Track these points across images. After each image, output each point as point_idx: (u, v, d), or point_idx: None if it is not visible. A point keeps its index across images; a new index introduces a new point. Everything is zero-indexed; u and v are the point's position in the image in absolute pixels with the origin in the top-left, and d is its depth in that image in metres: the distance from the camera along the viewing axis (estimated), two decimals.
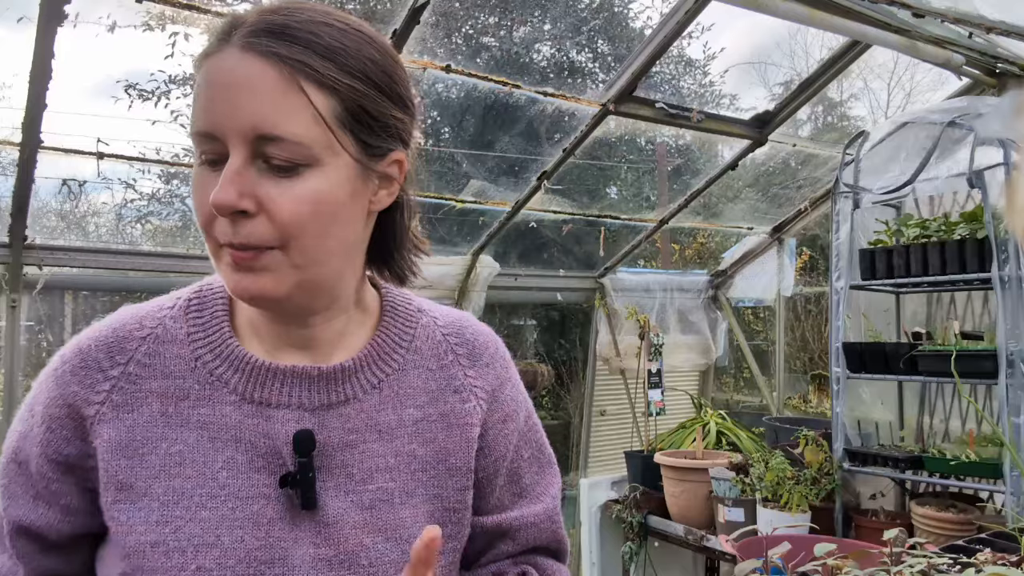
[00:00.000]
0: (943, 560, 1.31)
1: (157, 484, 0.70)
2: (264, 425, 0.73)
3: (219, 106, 0.65)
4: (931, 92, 6.20)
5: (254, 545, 0.70)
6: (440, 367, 0.83)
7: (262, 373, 0.74)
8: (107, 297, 6.13)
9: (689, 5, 2.45)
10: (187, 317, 0.76)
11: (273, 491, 0.72)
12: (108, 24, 3.73)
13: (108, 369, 0.72)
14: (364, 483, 0.75)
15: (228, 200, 0.64)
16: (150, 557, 0.68)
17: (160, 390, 0.73)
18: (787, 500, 2.63)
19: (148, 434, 0.71)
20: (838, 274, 2.84)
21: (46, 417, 0.72)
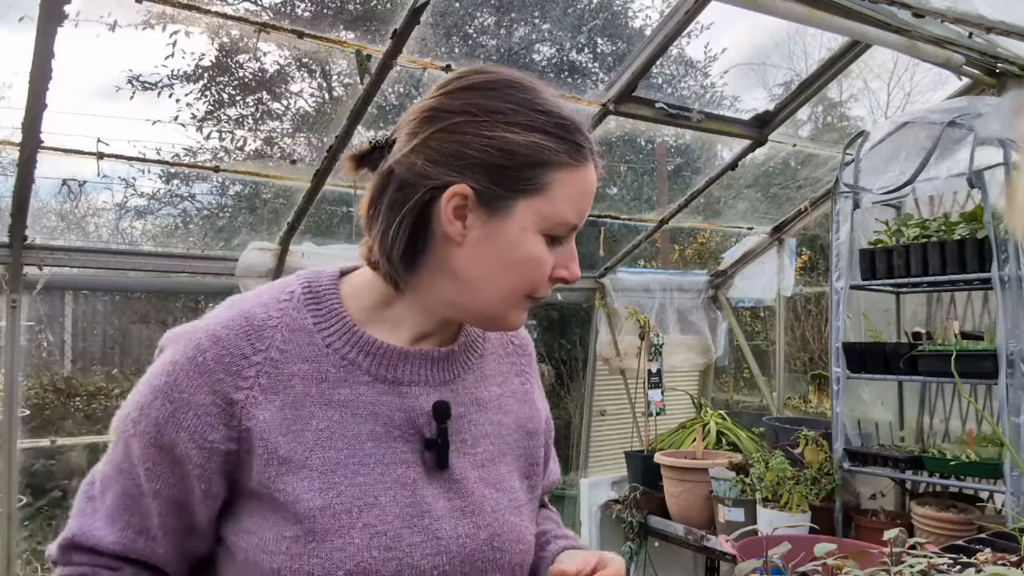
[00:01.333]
0: (943, 560, 1.31)
1: (314, 456, 0.80)
2: (398, 401, 0.86)
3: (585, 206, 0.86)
4: (931, 92, 6.21)
5: (405, 502, 0.83)
6: (505, 354, 1.01)
7: (391, 356, 0.86)
8: (107, 297, 6.12)
9: (689, 5, 2.45)
10: (307, 309, 0.86)
11: (411, 456, 0.85)
12: (109, 23, 3.73)
13: (251, 355, 0.80)
14: (474, 447, 0.91)
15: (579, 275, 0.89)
16: (319, 520, 0.79)
17: (301, 373, 0.82)
18: (787, 500, 2.63)
19: (298, 413, 0.81)
20: (838, 274, 2.84)
21: (192, 404, 0.78)
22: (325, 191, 2.86)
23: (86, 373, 5.92)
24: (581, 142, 0.84)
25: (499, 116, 0.80)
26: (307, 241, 3.12)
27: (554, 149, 0.81)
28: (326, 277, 0.89)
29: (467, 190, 0.80)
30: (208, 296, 6.20)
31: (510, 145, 0.80)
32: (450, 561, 0.83)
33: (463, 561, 0.84)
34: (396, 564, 0.80)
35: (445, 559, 0.83)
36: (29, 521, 4.54)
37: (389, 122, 6.25)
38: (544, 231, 0.83)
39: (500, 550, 0.87)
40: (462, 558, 0.84)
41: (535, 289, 0.85)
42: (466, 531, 0.85)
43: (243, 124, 6.19)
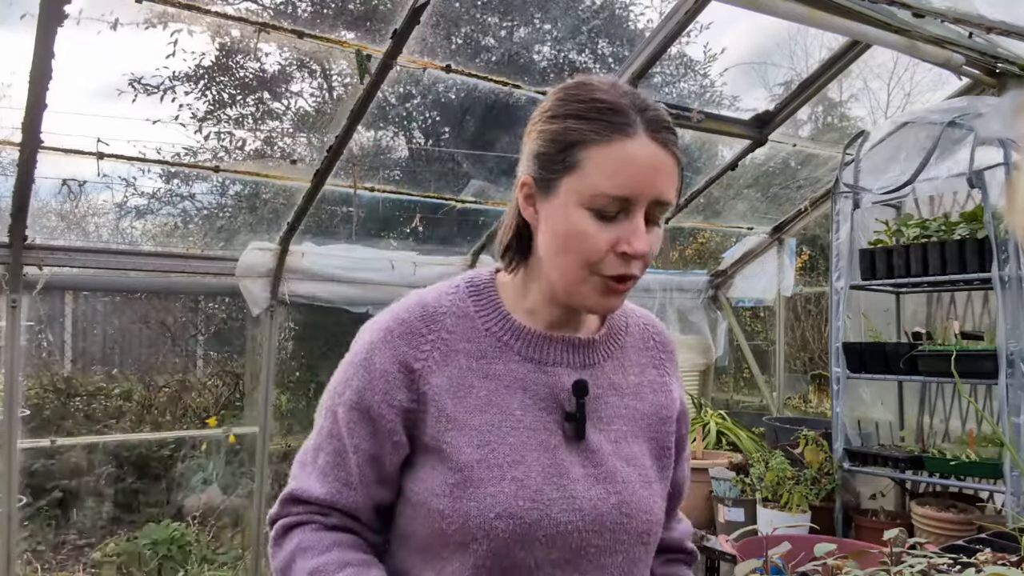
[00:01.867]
0: (943, 560, 1.31)
1: (474, 418, 0.96)
2: (543, 378, 1.00)
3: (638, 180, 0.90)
4: (931, 92, 6.20)
5: (547, 463, 0.96)
6: (645, 348, 1.13)
7: (539, 340, 1.01)
8: (107, 297, 6.12)
9: (689, 5, 2.45)
10: (470, 299, 1.03)
11: (554, 425, 0.98)
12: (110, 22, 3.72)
13: (427, 334, 0.98)
14: (609, 424, 1.03)
15: (645, 250, 0.92)
16: (476, 470, 0.93)
17: (465, 350, 0.99)
18: (787, 500, 2.63)
19: (462, 382, 0.97)
20: (838, 274, 2.84)
21: (383, 372, 0.96)
22: (325, 191, 2.87)
23: (86, 373, 5.92)
24: (616, 119, 0.91)
25: (548, 113, 0.96)
26: (307, 241, 3.13)
27: (583, 130, 0.91)
28: (485, 273, 1.07)
29: (529, 179, 0.97)
30: (208, 296, 6.20)
31: (551, 134, 0.94)
32: (583, 518, 0.95)
33: (594, 520, 0.96)
34: (537, 514, 0.93)
35: (578, 516, 0.95)
36: (29, 521, 4.54)
37: (389, 122, 6.26)
38: (587, 205, 0.91)
39: (628, 516, 0.99)
40: (593, 517, 0.96)
41: (592, 264, 0.93)
42: (598, 494, 0.97)
43: (243, 124, 6.19)
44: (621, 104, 0.92)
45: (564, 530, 0.94)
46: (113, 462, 5.07)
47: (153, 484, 5.08)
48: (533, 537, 0.93)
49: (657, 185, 0.91)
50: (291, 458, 1.07)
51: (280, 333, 5.38)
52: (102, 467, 5.01)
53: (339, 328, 5.66)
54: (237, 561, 4.05)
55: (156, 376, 6.00)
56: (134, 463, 5.14)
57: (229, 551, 4.29)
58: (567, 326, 1.04)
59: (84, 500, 4.91)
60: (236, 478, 4.76)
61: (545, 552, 0.93)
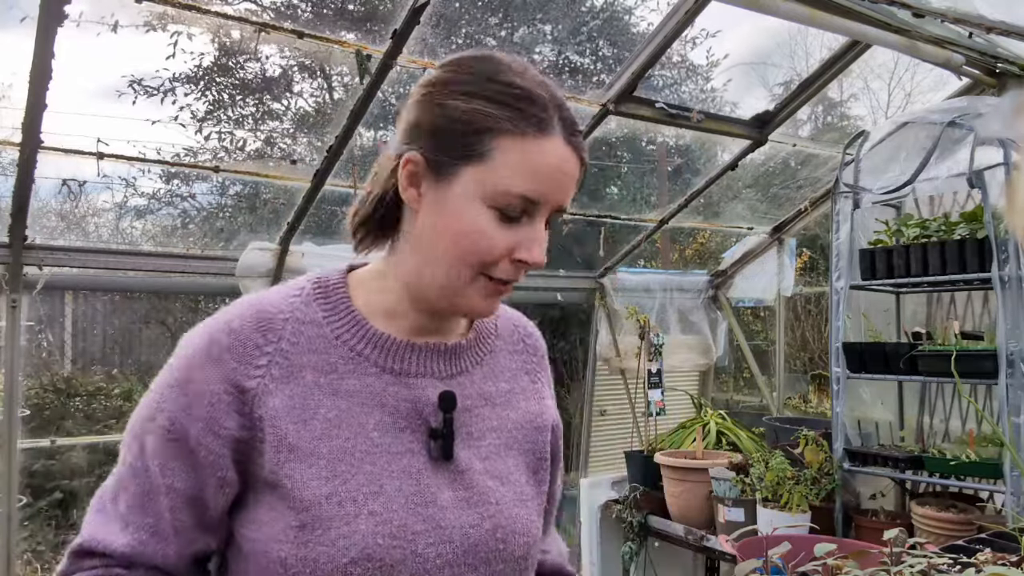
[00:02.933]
0: (943, 560, 1.31)
1: (322, 444, 0.82)
2: (405, 391, 0.87)
3: (548, 184, 0.83)
4: (931, 92, 6.21)
5: (410, 491, 0.84)
6: (515, 351, 1.03)
7: (399, 348, 0.89)
8: (107, 297, 6.13)
9: (689, 5, 2.45)
10: (316, 303, 0.89)
11: (416, 446, 0.87)
12: (110, 23, 3.73)
13: (263, 346, 0.83)
14: (480, 439, 0.92)
15: (542, 260, 0.85)
16: (325, 507, 0.80)
17: (311, 364, 0.85)
18: (787, 500, 2.63)
19: (307, 402, 0.83)
20: (838, 274, 2.84)
21: (205, 393, 0.81)
22: (325, 191, 2.87)
23: (86, 373, 5.92)
24: (534, 112, 0.81)
25: (452, 86, 0.83)
26: (307, 241, 3.13)
27: (496, 116, 0.81)
28: (335, 273, 0.93)
29: (418, 157, 0.83)
30: (208, 296, 6.20)
31: (454, 112, 0.82)
32: (454, 550, 0.85)
33: (467, 551, 0.86)
34: (401, 552, 0.81)
35: (449, 548, 0.84)
36: (29, 521, 4.54)
37: (389, 122, 6.25)
38: (490, 203, 0.81)
39: (504, 541, 0.89)
40: (466, 548, 0.86)
41: (484, 265, 0.83)
42: (470, 521, 0.87)
43: (243, 124, 6.19)
44: (539, 95, 0.82)
45: (432, 567, 0.83)
46: (113, 462, 5.06)
47: None
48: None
49: (565, 192, 0.84)
50: None
51: None
52: (102, 467, 5.01)
53: None
54: None
55: (156, 376, 6.00)
56: None
57: None
58: (434, 332, 0.92)
59: (84, 500, 4.91)
60: None
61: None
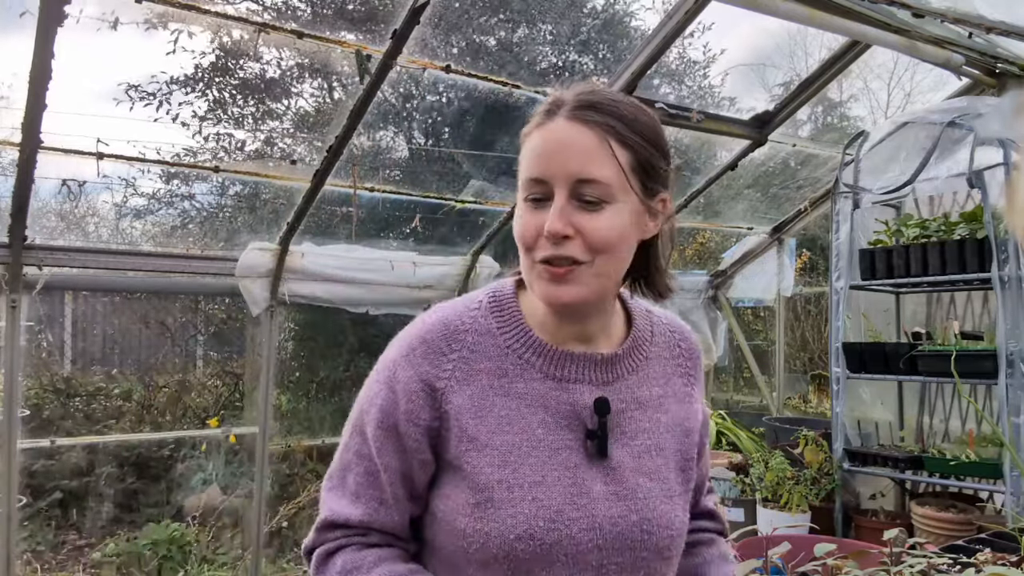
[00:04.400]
0: (943, 560, 1.31)
1: (496, 438, 0.95)
2: (565, 396, 0.98)
3: (551, 161, 0.91)
4: (931, 92, 6.21)
5: (568, 482, 0.95)
6: (671, 357, 1.10)
7: (561, 357, 0.99)
8: (107, 297, 6.12)
9: (689, 5, 2.45)
10: (492, 316, 1.01)
11: (574, 443, 0.98)
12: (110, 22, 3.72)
13: (448, 353, 0.97)
14: (632, 439, 1.01)
15: (558, 228, 0.90)
16: (497, 490, 0.93)
17: (487, 369, 0.98)
18: (787, 500, 2.63)
19: (483, 402, 0.96)
20: (838, 274, 2.84)
21: (407, 391, 0.96)
22: (325, 191, 2.87)
23: (86, 373, 5.91)
24: (546, 107, 0.94)
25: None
26: (307, 241, 3.13)
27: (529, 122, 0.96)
28: (508, 286, 1.05)
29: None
30: (208, 296, 6.19)
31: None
32: (603, 537, 0.95)
33: (615, 538, 0.96)
34: (557, 534, 0.93)
35: (599, 535, 0.95)
36: (29, 521, 4.54)
37: (389, 122, 6.26)
38: (522, 195, 0.94)
39: (649, 532, 0.98)
40: (614, 536, 0.96)
41: (529, 250, 0.94)
42: (619, 512, 0.97)
43: (243, 124, 6.18)
44: (560, 96, 0.94)
45: (584, 549, 0.94)
46: (113, 462, 5.06)
47: (153, 484, 5.08)
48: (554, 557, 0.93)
49: (572, 163, 0.90)
50: (291, 458, 1.06)
51: (280, 333, 5.37)
52: (102, 467, 5.01)
53: (339, 328, 5.66)
54: (237, 561, 4.05)
55: (156, 376, 5.99)
56: (134, 463, 5.13)
57: (229, 551, 4.29)
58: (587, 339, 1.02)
59: (84, 500, 4.91)
60: (236, 478, 4.76)
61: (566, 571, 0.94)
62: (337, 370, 5.61)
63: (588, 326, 1.01)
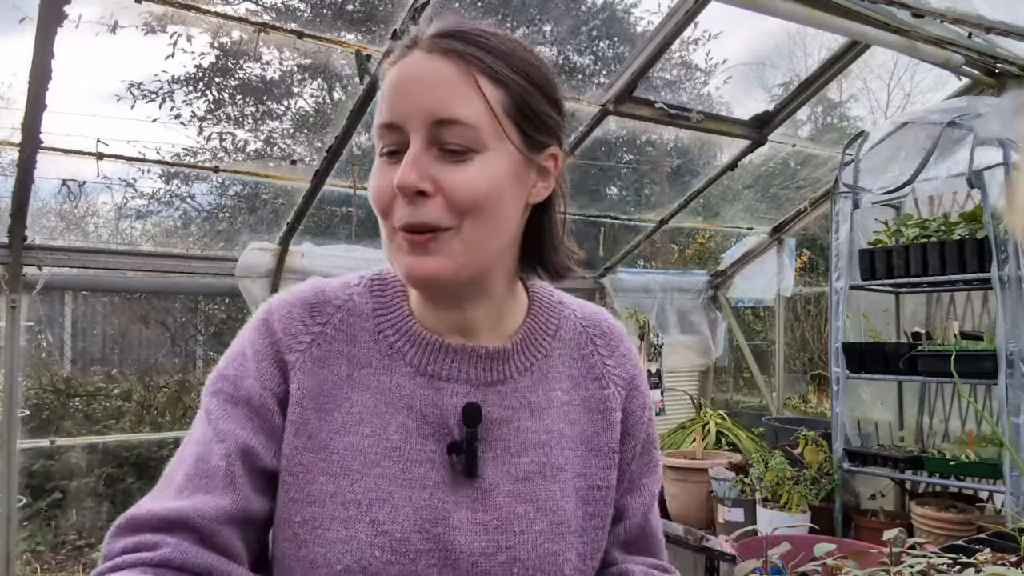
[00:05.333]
0: (943, 560, 1.31)
1: (338, 439, 0.77)
2: (434, 396, 0.80)
3: (404, 99, 0.74)
4: (931, 92, 6.21)
5: (420, 504, 0.76)
6: (581, 356, 0.90)
7: (436, 349, 0.81)
8: (107, 297, 6.12)
9: (689, 5, 2.45)
10: (371, 295, 0.85)
11: (438, 457, 0.79)
12: (109, 25, 3.72)
13: (310, 326, 0.81)
14: (518, 456, 0.82)
15: (410, 181, 0.71)
16: (329, 506, 0.75)
17: (348, 354, 0.81)
18: (787, 500, 2.63)
19: (335, 392, 0.79)
20: (838, 274, 2.84)
21: (258, 357, 0.80)
22: (325, 191, 2.87)
23: (85, 373, 5.92)
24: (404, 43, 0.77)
25: None
26: (307, 241, 3.13)
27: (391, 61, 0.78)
28: None
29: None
30: (208, 296, 6.20)
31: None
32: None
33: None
34: (398, 569, 0.74)
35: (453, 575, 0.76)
36: (28, 521, 4.54)
37: None
38: (378, 150, 0.77)
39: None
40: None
41: (382, 210, 0.76)
42: (483, 548, 0.77)
43: (243, 124, 6.19)
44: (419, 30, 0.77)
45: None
46: (113, 462, 5.07)
47: (152, 484, 5.06)
48: None
49: (427, 100, 0.72)
50: None
51: None
52: (101, 467, 5.01)
53: None
54: None
55: (156, 376, 6.00)
56: (134, 463, 5.13)
57: None
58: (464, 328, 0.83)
59: (83, 500, 4.91)
60: None
61: None
62: None
63: (469, 312, 0.82)
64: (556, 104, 0.81)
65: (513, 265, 0.84)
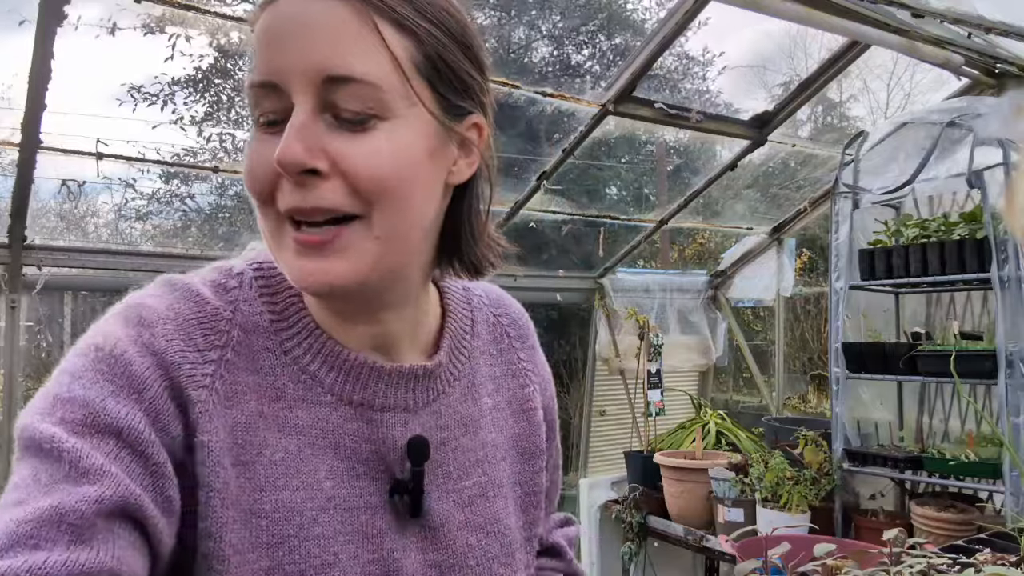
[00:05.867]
0: (943, 560, 1.31)
1: (264, 499, 0.61)
2: (366, 429, 0.66)
3: (282, 51, 0.56)
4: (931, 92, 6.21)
5: (368, 559, 0.65)
6: (499, 351, 0.81)
7: (361, 372, 0.66)
8: (106, 298, 6.12)
9: (688, 5, 2.45)
10: (261, 300, 0.65)
11: (378, 499, 0.67)
12: (108, 26, 3.73)
13: (206, 351, 0.60)
14: (460, 480, 0.72)
15: (294, 156, 0.55)
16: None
17: (255, 386, 0.62)
18: (787, 500, 2.63)
19: (249, 438, 0.61)
20: (837, 274, 2.84)
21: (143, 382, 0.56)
22: None
23: None
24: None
25: None
26: None
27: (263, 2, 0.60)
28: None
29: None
30: None
31: None
32: None
33: None
34: None
35: None
36: None
37: None
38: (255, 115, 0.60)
39: None
40: None
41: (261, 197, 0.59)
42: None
43: (242, 125, 6.19)
44: None
45: None
46: None
47: None
48: None
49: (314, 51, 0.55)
50: None
51: None
52: None
53: None
54: None
55: None
56: None
57: None
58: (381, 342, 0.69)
59: None
60: None
61: None
62: None
63: (385, 324, 0.68)
64: (478, 62, 0.65)
65: (429, 260, 0.70)
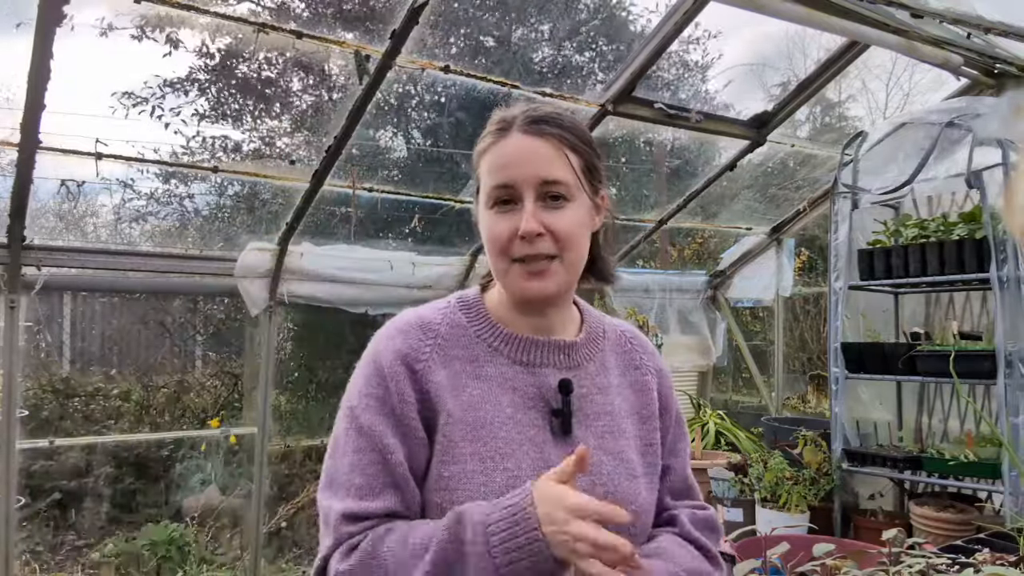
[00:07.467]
0: (942, 560, 1.31)
1: (469, 414, 1.04)
2: (531, 378, 1.09)
3: (517, 168, 1.04)
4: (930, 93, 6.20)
5: (536, 456, 1.04)
6: (623, 352, 1.21)
7: (526, 344, 1.11)
8: (105, 298, 6.11)
9: (688, 5, 2.45)
10: (461, 312, 1.13)
11: (541, 422, 1.07)
12: (106, 26, 3.72)
13: (425, 340, 1.08)
14: (594, 421, 1.11)
15: (533, 228, 1.02)
16: (471, 462, 1.02)
17: (459, 355, 1.08)
18: (786, 500, 2.63)
19: (457, 382, 1.06)
20: (837, 274, 2.84)
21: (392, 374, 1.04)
22: (324, 191, 2.86)
23: (84, 374, 5.91)
24: (498, 127, 1.08)
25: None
26: (306, 241, 3.12)
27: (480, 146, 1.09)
28: (472, 291, 1.18)
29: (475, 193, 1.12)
30: (207, 296, 6.19)
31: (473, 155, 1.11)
32: None
33: None
34: None
35: None
36: (27, 522, 4.53)
37: (387, 122, 6.25)
38: (487, 204, 1.06)
39: None
40: None
41: (503, 252, 1.05)
42: (583, 487, 1.00)
43: (241, 124, 6.18)
44: (508, 115, 1.08)
45: None
46: (112, 463, 5.06)
47: (152, 485, 5.07)
48: None
49: (533, 168, 1.03)
50: (291, 459, 1.05)
51: (279, 333, 5.37)
52: (101, 468, 5.01)
53: (338, 328, 5.65)
54: (236, 561, 4.05)
55: (155, 376, 5.99)
56: (133, 464, 5.13)
57: (228, 552, 4.29)
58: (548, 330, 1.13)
59: (83, 501, 4.90)
60: (235, 479, 4.75)
61: None
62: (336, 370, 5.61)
63: (549, 318, 1.12)
64: (601, 160, 1.13)
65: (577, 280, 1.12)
